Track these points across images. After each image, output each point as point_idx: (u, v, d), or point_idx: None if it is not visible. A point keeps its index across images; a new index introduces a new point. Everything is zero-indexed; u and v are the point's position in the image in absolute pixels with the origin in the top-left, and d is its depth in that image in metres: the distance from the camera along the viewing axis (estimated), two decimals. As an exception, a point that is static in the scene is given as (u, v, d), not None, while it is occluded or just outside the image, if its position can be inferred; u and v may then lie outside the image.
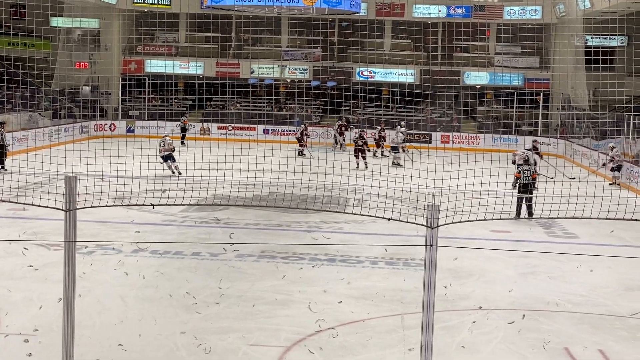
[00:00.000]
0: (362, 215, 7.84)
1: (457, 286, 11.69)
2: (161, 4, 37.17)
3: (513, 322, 9.97)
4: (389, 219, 7.35)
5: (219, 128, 34.12)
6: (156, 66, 37.60)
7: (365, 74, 37.35)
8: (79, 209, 6.77)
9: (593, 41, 34.63)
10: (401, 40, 38.61)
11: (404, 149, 30.75)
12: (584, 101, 32.62)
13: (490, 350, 9.31)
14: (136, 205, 9.85)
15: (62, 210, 6.69)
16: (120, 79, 36.93)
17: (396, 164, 25.49)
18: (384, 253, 13.67)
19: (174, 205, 8.28)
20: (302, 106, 37.97)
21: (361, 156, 25.83)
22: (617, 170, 23.59)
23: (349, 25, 38.50)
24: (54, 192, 7.64)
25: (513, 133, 34.05)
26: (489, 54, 37.96)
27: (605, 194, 8.52)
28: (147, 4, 36.73)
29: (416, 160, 24.97)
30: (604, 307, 11.26)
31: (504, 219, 7.95)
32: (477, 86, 37.33)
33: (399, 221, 7.39)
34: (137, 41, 38.84)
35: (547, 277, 12.76)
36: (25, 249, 12.39)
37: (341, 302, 10.69)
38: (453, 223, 7.28)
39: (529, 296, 11.62)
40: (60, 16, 33.72)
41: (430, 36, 38.61)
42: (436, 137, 33.62)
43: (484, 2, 36.69)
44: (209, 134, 34.11)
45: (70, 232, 6.68)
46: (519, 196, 17.26)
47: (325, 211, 17.21)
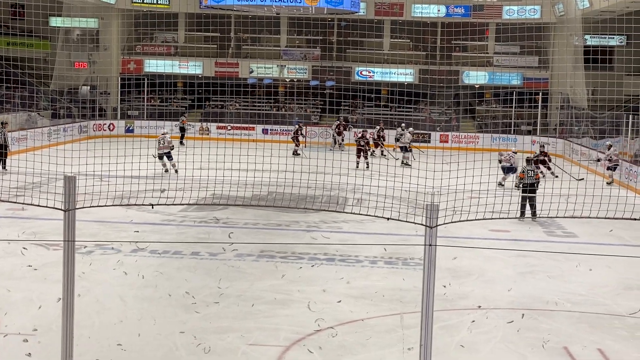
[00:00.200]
0: (361, 214, 7.84)
1: (456, 285, 11.70)
2: (160, 3, 37.15)
3: (512, 322, 9.98)
4: (388, 219, 7.35)
5: (218, 128, 34.12)
6: (155, 66, 37.60)
7: (364, 73, 37.35)
8: (78, 208, 6.77)
9: (592, 41, 34.65)
10: (400, 40, 38.60)
11: (395, 148, 30.73)
12: (583, 100, 32.62)
13: (489, 350, 9.32)
14: (135, 205, 9.84)
15: (61, 210, 6.69)
16: (119, 78, 36.91)
17: (405, 163, 25.34)
18: (383, 252, 13.67)
19: (173, 205, 8.28)
20: (301, 106, 37.97)
21: (363, 156, 25.82)
22: (613, 170, 23.63)
23: (348, 25, 38.48)
24: (53, 192, 7.64)
25: (512, 132, 34.06)
26: (488, 53, 37.95)
27: (604, 193, 8.52)
28: (146, 3, 36.71)
29: (415, 159, 25.07)
30: (603, 306, 11.27)
31: (503, 218, 7.95)
32: (476, 86, 37.33)
33: (398, 221, 7.39)
34: (136, 41, 38.83)
35: (546, 276, 12.77)
36: (25, 248, 12.39)
37: (340, 301, 10.70)
38: (452, 222, 7.29)
39: (528, 295, 11.63)
40: (59, 16, 33.69)
41: (429, 36, 38.62)
42: (435, 136, 33.62)
43: (483, 2, 36.69)
44: (208, 134, 34.09)
45: (70, 232, 6.68)
46: (523, 196, 17.23)
47: (325, 211, 17.22)
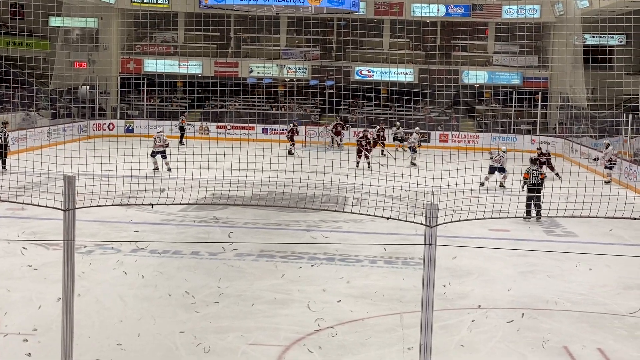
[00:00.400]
0: (361, 214, 7.84)
1: (456, 285, 11.70)
2: (159, 3, 37.14)
3: (512, 321, 9.98)
4: (388, 218, 7.35)
5: (218, 127, 34.11)
6: (155, 65, 37.60)
7: (364, 73, 37.36)
8: (77, 208, 6.76)
9: (591, 40, 34.65)
10: (400, 40, 38.61)
11: (397, 148, 30.75)
12: (583, 100, 32.63)
13: (489, 349, 9.32)
14: (135, 204, 9.84)
15: (61, 209, 6.69)
16: (119, 78, 36.91)
17: (412, 163, 25.22)
18: (383, 252, 13.68)
19: (172, 204, 8.28)
20: (301, 105, 37.97)
21: (364, 155, 25.79)
22: (610, 168, 23.66)
23: (347, 25, 38.48)
24: (53, 192, 7.63)
25: (512, 132, 34.06)
26: (487, 52, 37.97)
27: (604, 192, 8.52)
28: (146, 3, 36.70)
29: (412, 161, 25.09)
30: (602, 305, 11.27)
31: (502, 217, 7.93)
32: (476, 85, 37.33)
33: (398, 220, 7.38)
34: (136, 41, 38.83)
35: (546, 275, 12.77)
36: (24, 248, 12.39)
37: (340, 301, 10.70)
38: (452, 222, 7.28)
39: (528, 295, 11.63)
40: (59, 16, 33.69)
41: (429, 35, 38.62)
42: (435, 136, 33.63)
43: (483, 1, 36.69)
44: (207, 134, 34.09)
45: (69, 232, 6.68)
46: (528, 195, 17.20)
47: (324, 210, 17.21)
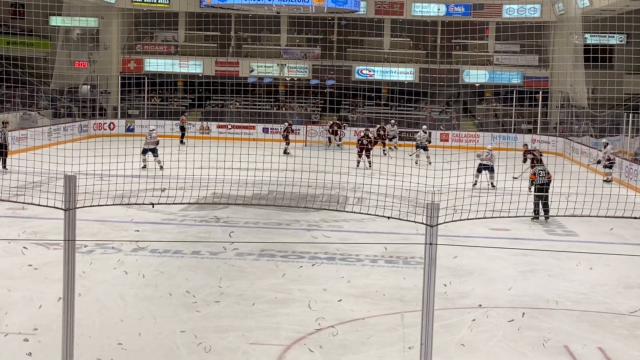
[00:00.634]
0: (362, 213, 7.85)
1: (457, 284, 11.69)
2: (160, 2, 37.14)
3: (513, 320, 9.98)
4: (388, 218, 7.35)
5: (219, 127, 34.12)
6: (155, 65, 37.59)
7: (364, 72, 37.35)
8: (78, 208, 6.76)
9: (592, 39, 34.65)
10: (400, 39, 38.60)
11: (395, 146, 30.64)
12: (583, 99, 32.62)
13: (489, 349, 9.32)
14: (136, 204, 9.85)
15: (62, 209, 6.69)
16: (120, 77, 36.89)
17: (429, 162, 25.10)
18: (384, 251, 13.67)
19: (173, 204, 8.28)
20: (302, 105, 37.97)
21: (365, 155, 25.75)
22: (610, 167, 23.67)
23: (348, 24, 38.48)
24: (54, 191, 7.63)
25: (512, 131, 34.06)
26: (488, 52, 37.96)
27: (605, 191, 8.52)
28: (146, 2, 36.71)
29: (414, 158, 25.06)
30: (603, 304, 11.27)
31: (503, 217, 7.93)
32: (477, 84, 37.33)
33: (399, 219, 7.38)
34: (136, 40, 38.83)
35: (547, 275, 12.76)
36: (25, 248, 12.39)
37: (341, 300, 10.70)
38: (453, 221, 7.28)
39: (529, 294, 11.63)
40: (60, 15, 33.68)
41: (430, 34, 38.61)
42: (435, 135, 33.61)
43: (483, 1, 36.67)
44: (208, 133, 34.11)
45: (70, 231, 6.68)
46: (536, 195, 17.15)
47: (325, 210, 17.21)
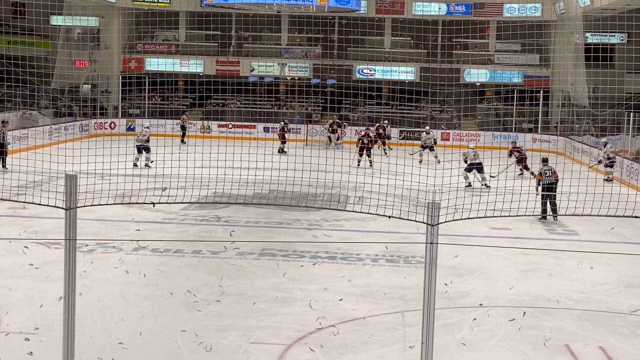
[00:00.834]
0: (363, 212, 7.84)
1: (458, 283, 11.69)
2: (161, 2, 37.14)
3: (514, 320, 9.97)
4: (389, 217, 7.35)
5: (219, 126, 34.12)
6: (156, 64, 37.59)
7: (365, 71, 37.35)
8: (79, 207, 6.76)
9: (593, 38, 34.63)
10: (401, 38, 38.61)
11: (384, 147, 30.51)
12: (584, 98, 32.61)
13: (490, 348, 9.32)
14: (137, 203, 9.86)
15: (63, 208, 6.69)
16: (120, 77, 36.91)
17: (438, 161, 25.10)
18: (385, 250, 13.67)
19: (174, 203, 8.28)
20: (302, 104, 37.97)
21: (366, 154, 25.74)
22: (610, 167, 23.66)
23: (349, 23, 38.48)
24: (55, 191, 7.63)
25: (513, 130, 34.06)
26: (489, 51, 37.95)
27: (606, 191, 8.51)
28: (147, 2, 36.71)
29: (416, 157, 25.05)
30: (604, 304, 11.26)
31: (504, 216, 7.92)
32: (477, 83, 37.32)
33: (400, 219, 7.39)
34: (137, 39, 38.83)
35: (548, 274, 12.76)
36: (26, 247, 12.39)
37: (342, 299, 10.69)
38: (453, 220, 7.28)
39: (530, 293, 11.62)
40: (60, 14, 33.70)
41: (430, 34, 38.61)
42: (437, 134, 33.58)
43: (484, 0, 36.67)
44: (209, 132, 34.12)
45: (71, 231, 6.68)
46: (543, 195, 17.12)
47: (326, 209, 17.21)
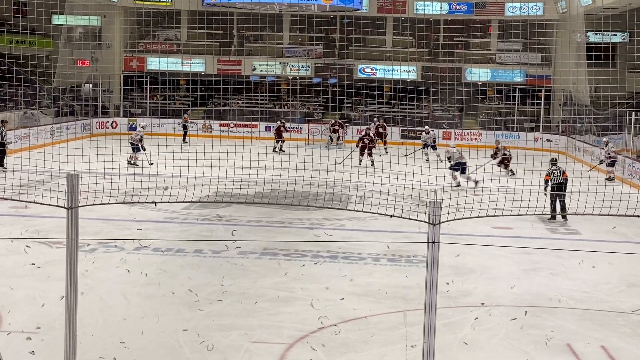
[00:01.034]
0: (364, 212, 7.84)
1: (460, 283, 11.69)
2: (162, 1, 37.15)
3: (515, 319, 9.98)
4: (391, 216, 7.34)
5: (221, 125, 34.12)
6: (158, 64, 37.60)
7: (366, 70, 37.35)
8: (81, 206, 6.76)
9: (594, 37, 34.60)
10: (403, 37, 38.60)
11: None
12: (586, 97, 32.59)
13: (492, 347, 9.32)
14: (138, 202, 9.85)
15: (64, 208, 6.69)
16: (122, 76, 36.93)
17: (441, 160, 25.11)
18: (386, 250, 13.67)
19: (176, 202, 8.28)
20: (304, 103, 37.97)
21: (367, 153, 25.75)
22: (611, 166, 23.65)
23: (350, 22, 38.48)
24: (56, 190, 7.64)
25: (515, 129, 34.05)
26: (490, 50, 37.93)
27: (607, 190, 8.51)
28: (149, 1, 36.72)
29: (418, 157, 25.04)
30: (606, 303, 11.26)
31: (506, 215, 7.93)
32: (479, 83, 37.30)
33: (401, 218, 7.38)
34: (139, 39, 38.84)
35: (549, 273, 12.76)
36: (28, 246, 12.40)
37: (343, 299, 10.70)
38: (455, 220, 7.28)
39: (531, 292, 11.62)
40: (62, 14, 33.68)
41: (432, 33, 38.61)
42: (438, 134, 33.58)
43: (486, -1, 36.68)
44: (210, 132, 34.12)
45: (73, 230, 6.68)
46: (552, 194, 17.10)
47: (328, 208, 17.21)
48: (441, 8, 36.72)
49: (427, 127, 29.53)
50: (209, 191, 12.61)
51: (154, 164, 21.62)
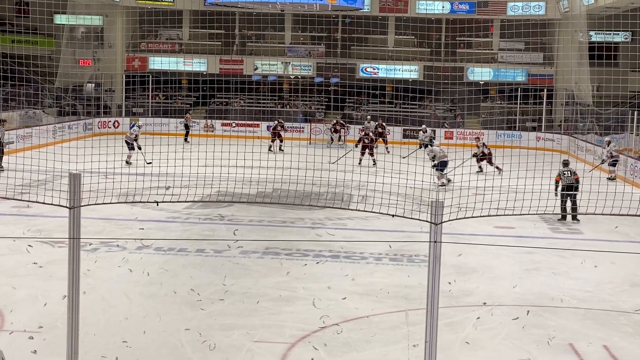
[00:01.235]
0: (366, 211, 7.84)
1: (462, 282, 11.69)
2: (164, 1, 37.16)
3: (517, 318, 9.97)
4: (393, 216, 7.34)
5: (223, 125, 34.10)
6: (160, 63, 37.60)
7: (368, 70, 37.33)
8: (83, 206, 6.77)
9: (597, 37, 34.56)
10: (405, 37, 38.57)
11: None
12: (588, 97, 32.55)
13: (494, 347, 9.31)
14: (140, 202, 9.87)
15: (66, 207, 6.70)
16: (124, 76, 36.92)
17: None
18: (388, 249, 13.67)
19: (178, 202, 8.28)
20: (306, 103, 37.96)
21: (368, 153, 25.73)
22: (613, 165, 23.63)
23: (352, 22, 38.45)
24: (58, 190, 7.64)
25: (517, 129, 34.02)
26: (492, 50, 37.89)
27: (610, 189, 8.50)
28: (151, 1, 36.72)
29: (420, 156, 25.03)
30: (608, 302, 11.25)
31: (507, 215, 7.92)
32: (481, 82, 37.25)
33: (403, 217, 7.38)
34: (141, 38, 38.86)
35: (552, 272, 12.75)
36: (30, 246, 12.40)
37: (345, 298, 10.69)
38: (457, 219, 7.27)
39: (534, 292, 11.61)
40: (64, 14, 33.67)
41: (434, 32, 38.58)
42: (440, 133, 33.57)
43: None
44: (212, 131, 34.10)
45: (75, 230, 6.68)
46: (563, 194, 17.06)
47: (330, 208, 17.21)
48: (443, 7, 36.72)
49: (424, 126, 29.55)
50: (210, 191, 12.61)
51: (152, 162, 21.67)
